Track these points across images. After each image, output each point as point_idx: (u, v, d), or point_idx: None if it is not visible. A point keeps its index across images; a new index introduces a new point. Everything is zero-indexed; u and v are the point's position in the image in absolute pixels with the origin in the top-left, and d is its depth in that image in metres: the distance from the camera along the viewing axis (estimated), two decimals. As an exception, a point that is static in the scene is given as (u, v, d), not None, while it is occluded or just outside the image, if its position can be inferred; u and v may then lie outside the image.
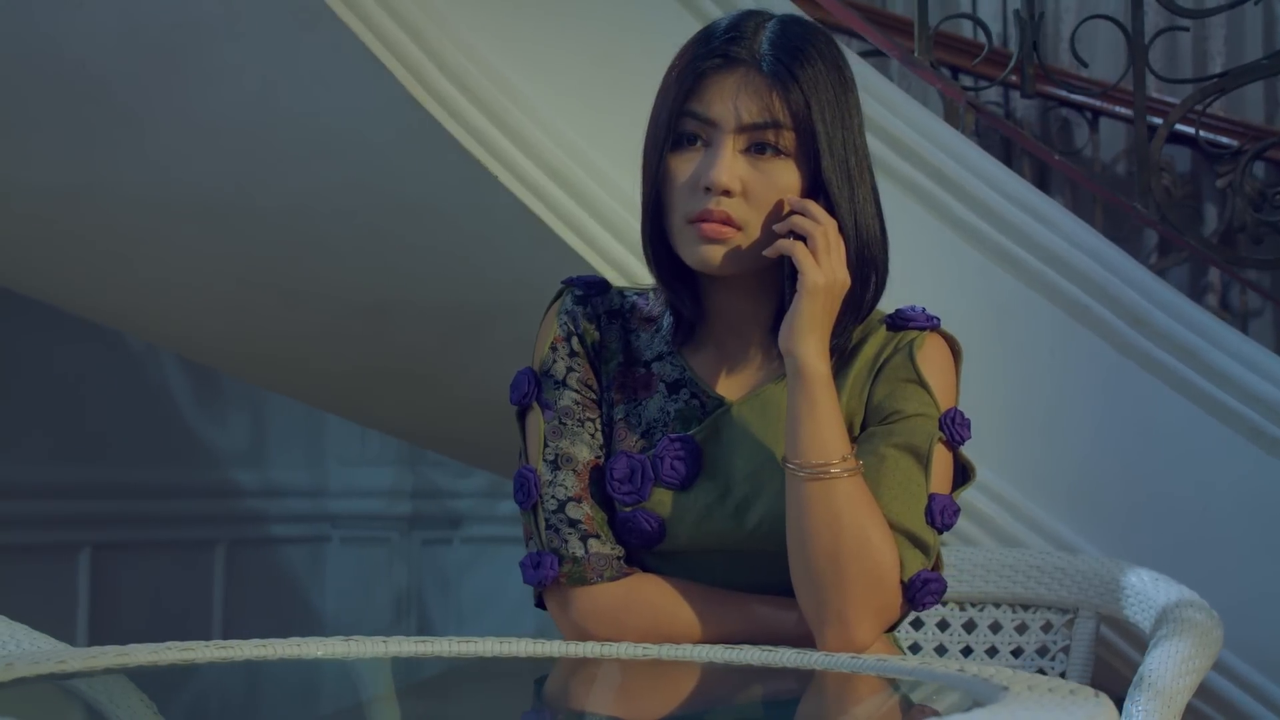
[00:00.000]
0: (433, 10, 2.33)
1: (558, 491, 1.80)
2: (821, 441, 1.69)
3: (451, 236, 2.67)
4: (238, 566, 4.73)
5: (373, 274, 2.90)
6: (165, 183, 2.82)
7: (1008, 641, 2.37)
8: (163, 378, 4.54)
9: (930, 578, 1.73)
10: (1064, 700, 1.31)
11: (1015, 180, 2.67)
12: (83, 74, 2.60)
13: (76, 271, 3.40)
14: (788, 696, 1.62)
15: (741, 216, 1.73)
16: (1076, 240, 2.65)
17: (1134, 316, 2.62)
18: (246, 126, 2.59)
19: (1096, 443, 2.66)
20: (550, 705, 1.68)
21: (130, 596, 4.35)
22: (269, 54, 2.42)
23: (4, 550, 4.05)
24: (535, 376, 1.85)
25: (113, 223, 3.02)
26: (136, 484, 4.42)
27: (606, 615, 1.78)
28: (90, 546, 4.24)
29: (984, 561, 2.41)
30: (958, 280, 2.64)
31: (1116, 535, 2.62)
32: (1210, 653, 2.06)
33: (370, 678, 1.73)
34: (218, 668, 1.66)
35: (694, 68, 1.75)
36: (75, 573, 4.22)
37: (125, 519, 4.38)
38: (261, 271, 3.03)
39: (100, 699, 1.67)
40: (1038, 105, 4.25)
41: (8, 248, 3.33)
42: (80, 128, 2.73)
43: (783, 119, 1.72)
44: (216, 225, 2.87)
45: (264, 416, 4.85)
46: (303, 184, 2.70)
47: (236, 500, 4.81)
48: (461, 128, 2.38)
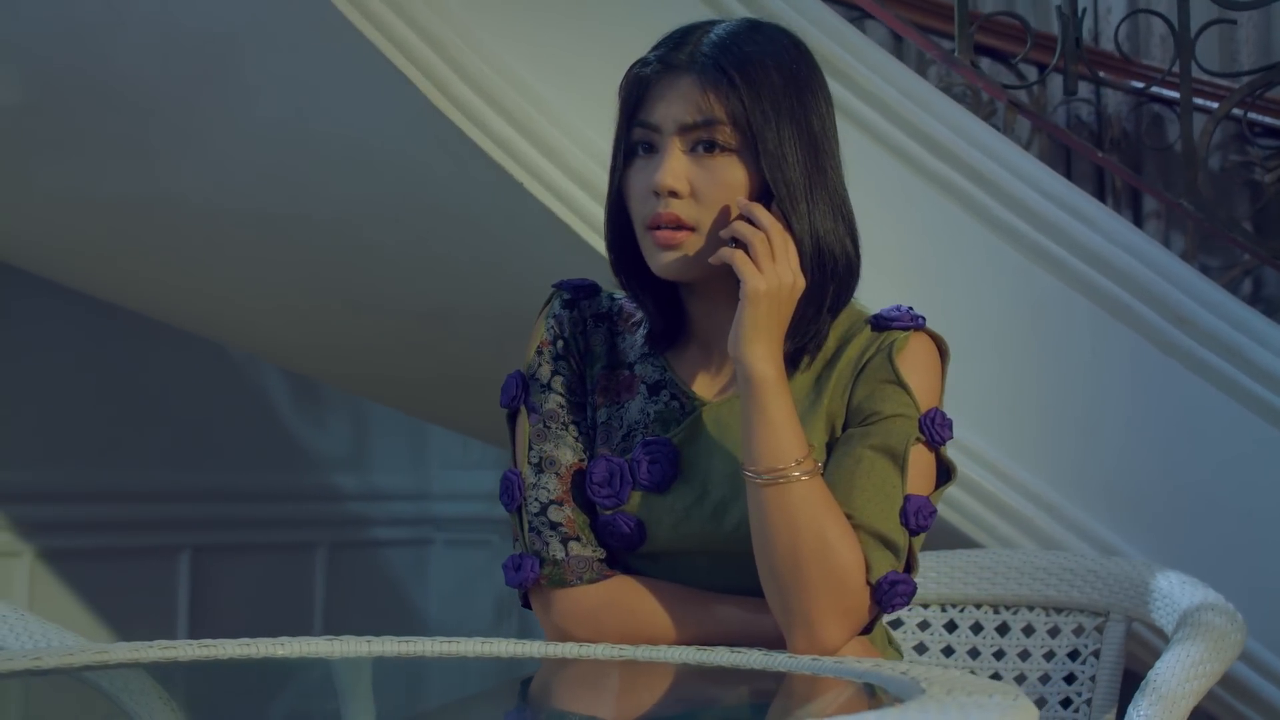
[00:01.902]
0: (454, 19, 2.36)
1: (540, 494, 1.82)
2: (774, 446, 1.69)
3: (487, 244, 2.71)
4: (339, 569, 4.81)
5: (425, 281, 2.94)
6: (222, 193, 2.89)
7: (1040, 645, 2.34)
8: (263, 385, 4.63)
9: (898, 579, 1.72)
10: (979, 701, 1.30)
11: (1053, 178, 2.63)
12: (135, 91, 2.68)
13: (162, 282, 3.51)
14: (732, 700, 1.63)
15: (692, 217, 1.74)
16: (1117, 238, 2.61)
17: (1177, 315, 2.58)
18: (287, 137, 2.65)
19: (1139, 443, 2.62)
20: (532, 705, 1.70)
21: (230, 598, 4.45)
22: (299, 67, 2.48)
23: (107, 553, 4.16)
24: (524, 380, 1.88)
25: (182, 232, 3.11)
26: (236, 488, 4.51)
27: (586, 617, 1.80)
28: (190, 549, 4.34)
29: (1018, 564, 2.39)
30: (995, 280, 2.62)
31: (1159, 538, 2.58)
32: (1226, 656, 2.03)
33: (379, 679, 1.77)
34: (239, 664, 1.71)
35: (637, 78, 1.78)
36: (176, 575, 4.32)
37: (225, 522, 4.48)
38: (323, 279, 3.09)
39: (120, 694, 1.72)
40: (1129, 101, 4.19)
41: (97, 262, 3.45)
42: (140, 143, 2.82)
43: (719, 116, 1.72)
44: (274, 234, 2.94)
45: (365, 421, 4.93)
46: (347, 193, 2.75)
47: (338, 504, 4.89)
48: (486, 136, 2.40)
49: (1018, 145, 2.67)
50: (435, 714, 1.78)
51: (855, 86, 2.60)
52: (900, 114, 2.61)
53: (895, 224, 2.62)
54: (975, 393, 2.55)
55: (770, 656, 1.67)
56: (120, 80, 2.66)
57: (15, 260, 3.61)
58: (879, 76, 2.61)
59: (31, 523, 3.98)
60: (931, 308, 2.53)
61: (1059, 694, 2.29)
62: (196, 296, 3.55)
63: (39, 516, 4.00)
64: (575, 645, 1.78)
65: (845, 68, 2.60)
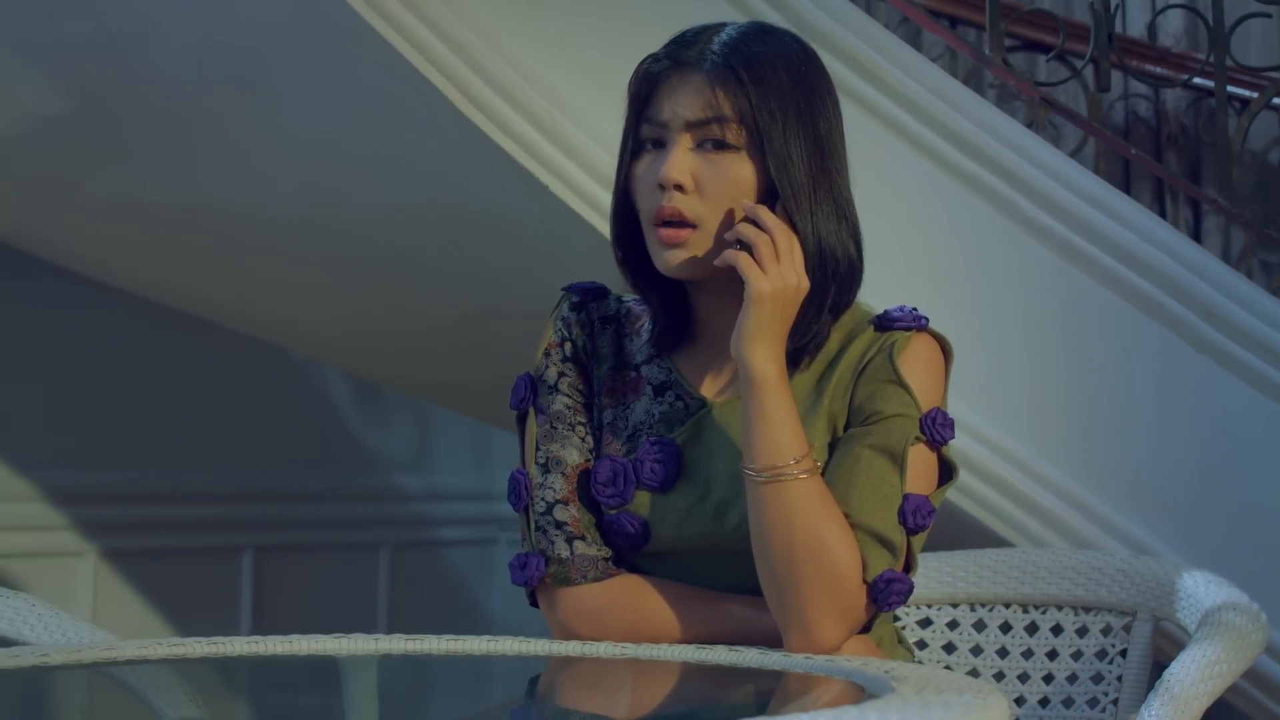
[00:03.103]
0: (476, 23, 2.38)
1: (546, 494, 1.84)
2: (773, 444, 1.69)
3: (517, 247, 2.73)
4: (403, 569, 4.84)
5: (462, 284, 2.97)
6: (262, 199, 2.93)
7: (1068, 644, 2.33)
8: (326, 387, 4.68)
9: (895, 578, 1.72)
10: (947, 700, 1.30)
11: (1085, 175, 2.62)
12: (174, 99, 2.72)
13: (216, 286, 3.56)
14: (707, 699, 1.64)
15: (694, 212, 1.75)
16: (1149, 234, 2.59)
17: (1209, 311, 2.55)
18: (320, 143, 2.69)
19: (1171, 441, 2.59)
20: (539, 703, 1.72)
21: (292, 598, 4.50)
22: (326, 74, 2.51)
23: (171, 552, 4.22)
24: (532, 381, 1.90)
25: (229, 238, 3.15)
26: (299, 488, 4.56)
27: (589, 615, 1.82)
28: (253, 549, 4.39)
29: (1047, 564, 2.37)
30: (1026, 279, 2.60)
31: (1193, 536, 2.55)
32: (1246, 655, 2.01)
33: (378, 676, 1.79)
34: (248, 661, 1.74)
35: (647, 74, 1.79)
36: (239, 574, 4.38)
37: (288, 523, 4.52)
38: (365, 283, 3.13)
39: (145, 689, 1.76)
40: (1187, 96, 4.14)
41: (152, 266, 3.51)
42: (183, 150, 2.87)
43: (726, 113, 1.74)
44: (314, 237, 2.98)
45: (428, 422, 4.96)
46: (380, 198, 2.78)
47: (401, 504, 4.93)
48: (509, 138, 2.42)
49: (1048, 143, 2.65)
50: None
51: (885, 86, 2.60)
52: (930, 113, 2.60)
53: (926, 224, 2.62)
54: (1006, 391, 2.54)
55: (766, 655, 1.68)
56: (159, 89, 2.70)
57: (73, 264, 3.67)
58: (909, 76, 2.60)
59: (96, 523, 4.04)
60: (962, 307, 2.53)
61: (1086, 694, 2.28)
62: (250, 300, 3.60)
63: (103, 517, 4.06)
64: (579, 643, 1.80)
65: (874, 68, 2.59)
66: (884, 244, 2.54)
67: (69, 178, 3.11)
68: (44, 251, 3.64)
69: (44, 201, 3.27)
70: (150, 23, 2.50)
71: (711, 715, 1.62)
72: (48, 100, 2.82)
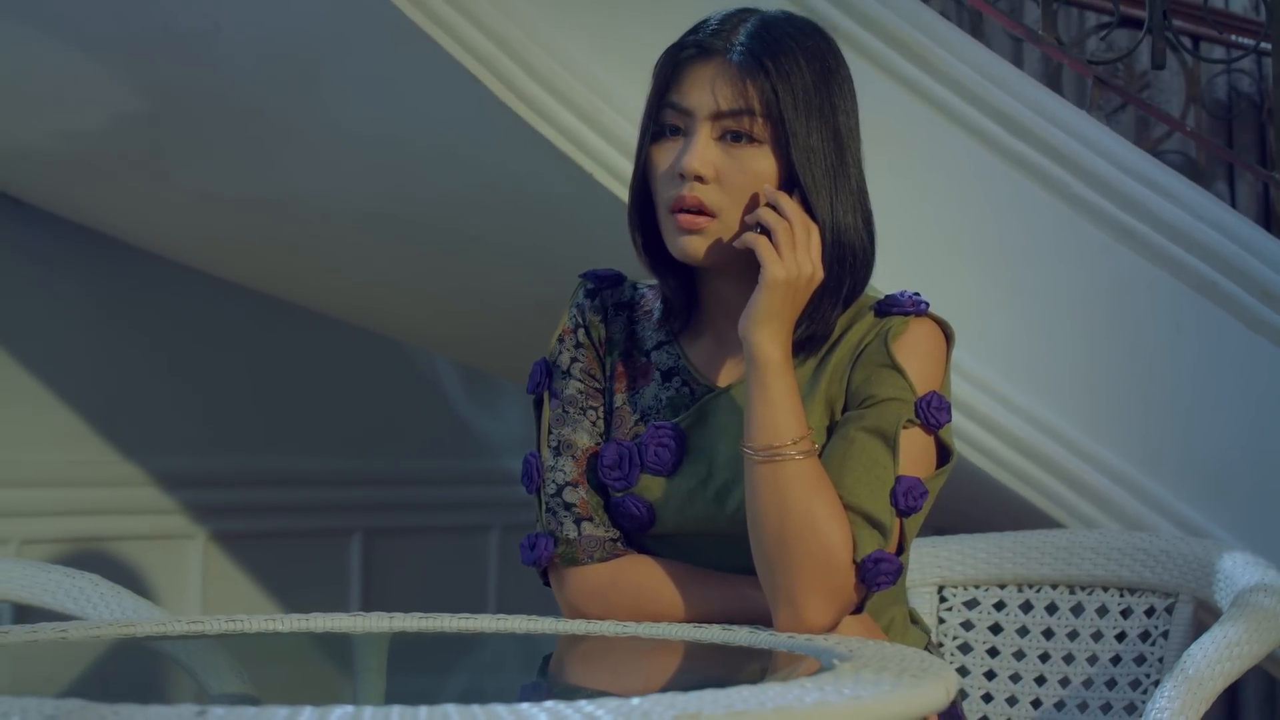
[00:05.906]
0: (517, 15, 2.42)
1: (557, 476, 1.89)
2: (772, 424, 1.72)
3: (572, 235, 2.77)
4: (513, 551, 4.89)
5: (527, 272, 3.02)
6: (334, 191, 3.01)
7: (1112, 626, 2.32)
8: (435, 373, 4.76)
9: (883, 557, 1.73)
10: (883, 679, 1.32)
11: (1135, 153, 2.59)
12: (240, 96, 2.81)
13: (306, 277, 3.66)
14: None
15: (714, 203, 1.78)
16: (1202, 213, 2.56)
17: (1264, 290, 2.52)
18: (377, 138, 2.75)
19: (1224, 421, 2.56)
20: (550, 679, 1.76)
21: (402, 580, 4.58)
22: (377, 71, 2.57)
23: (282, 535, 4.33)
24: (548, 366, 1.95)
25: (308, 230, 3.24)
26: (408, 472, 4.64)
27: (595, 594, 1.86)
28: (361, 531, 4.48)
29: (1093, 545, 2.37)
30: (1076, 258, 2.59)
31: (1247, 517, 2.52)
32: (1272, 638, 1.99)
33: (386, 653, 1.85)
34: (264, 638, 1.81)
35: (673, 59, 1.82)
36: (348, 556, 4.47)
37: (397, 506, 4.61)
38: (437, 272, 3.19)
39: (195, 664, 1.83)
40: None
41: (242, 256, 3.62)
42: (251, 144, 2.96)
43: (755, 106, 1.76)
44: (384, 228, 3.06)
45: (538, 407, 5.00)
46: (442, 189, 2.84)
47: (511, 487, 4.97)
48: (554, 129, 2.46)
49: (1097, 120, 2.63)
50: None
51: (930, 67, 2.59)
52: (976, 93, 2.59)
53: (973, 205, 2.61)
54: (1054, 371, 2.53)
55: (755, 634, 1.70)
56: (226, 86, 2.79)
57: (176, 255, 3.79)
58: (954, 56, 2.60)
59: (205, 506, 4.15)
60: (1010, 287, 2.53)
61: (1129, 675, 2.27)
62: (338, 290, 3.69)
63: (212, 500, 4.17)
64: (585, 621, 1.84)
65: (920, 49, 2.59)
66: (927, 225, 2.55)
67: (156, 170, 3.22)
68: (157, 246, 3.75)
69: (135, 198, 3.39)
70: (213, 21, 2.58)
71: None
72: (126, 101, 2.92)
